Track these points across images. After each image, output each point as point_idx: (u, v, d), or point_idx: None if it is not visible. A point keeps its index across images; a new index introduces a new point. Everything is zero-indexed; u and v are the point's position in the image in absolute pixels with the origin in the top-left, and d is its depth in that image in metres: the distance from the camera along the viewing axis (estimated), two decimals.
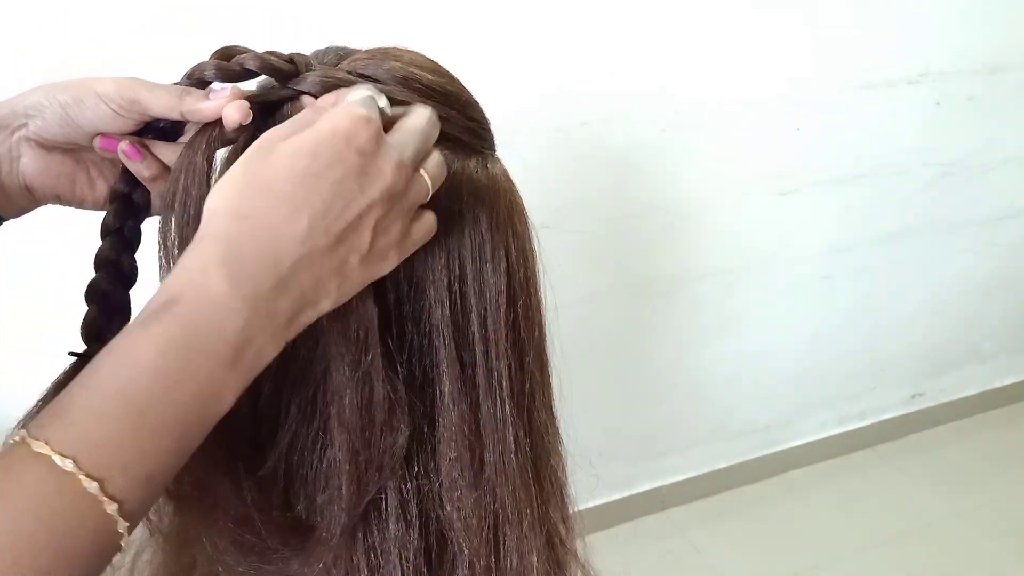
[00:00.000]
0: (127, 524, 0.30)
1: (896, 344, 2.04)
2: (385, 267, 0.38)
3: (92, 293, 0.40)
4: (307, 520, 0.42)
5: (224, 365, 0.32)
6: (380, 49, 0.46)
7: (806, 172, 1.66)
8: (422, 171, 0.39)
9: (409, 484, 0.42)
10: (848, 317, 1.92)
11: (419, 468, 0.42)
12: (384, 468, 0.40)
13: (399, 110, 0.40)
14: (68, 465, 0.28)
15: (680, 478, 1.92)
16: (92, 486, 0.29)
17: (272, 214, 0.34)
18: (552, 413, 0.48)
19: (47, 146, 0.42)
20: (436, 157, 0.40)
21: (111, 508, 0.29)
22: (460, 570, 0.43)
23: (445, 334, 0.42)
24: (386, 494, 0.42)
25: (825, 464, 2.07)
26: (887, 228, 1.83)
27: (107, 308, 0.40)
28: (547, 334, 0.48)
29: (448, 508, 0.42)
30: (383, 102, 0.39)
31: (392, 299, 0.41)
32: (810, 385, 1.98)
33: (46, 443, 0.29)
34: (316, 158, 0.34)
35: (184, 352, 0.31)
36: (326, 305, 0.36)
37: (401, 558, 0.42)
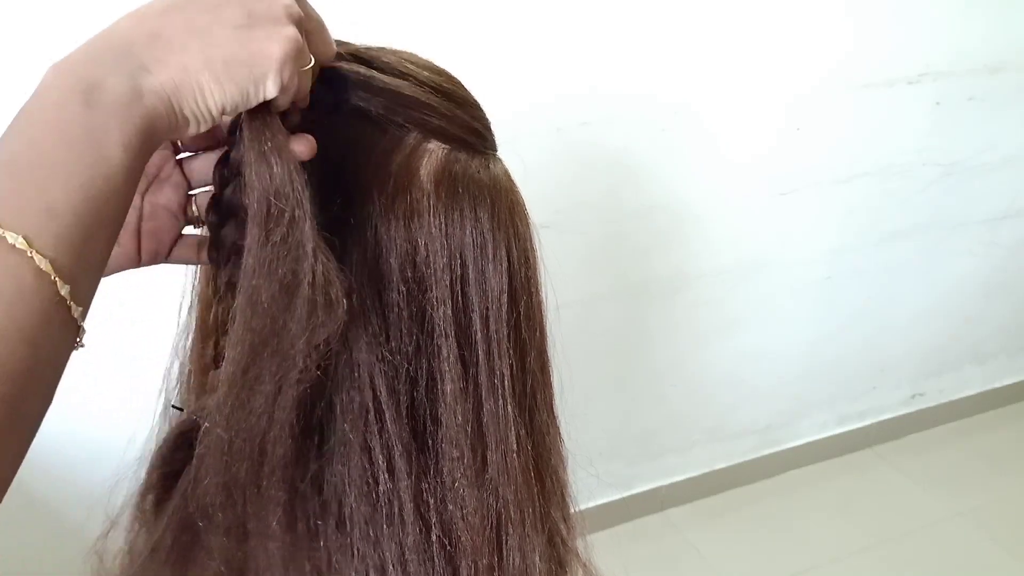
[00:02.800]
0: (47, 261, 0.29)
1: (896, 344, 2.04)
2: (274, 48, 0.35)
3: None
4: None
5: (76, 106, 0.32)
6: (379, 47, 0.46)
7: (806, 172, 1.66)
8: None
9: (411, 483, 0.42)
10: (848, 317, 1.92)
11: (421, 468, 0.42)
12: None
13: None
14: None
15: (680, 478, 1.92)
16: (17, 239, 0.29)
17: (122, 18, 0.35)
18: (553, 413, 0.48)
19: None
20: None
21: (15, 239, 0.29)
22: (463, 569, 0.43)
23: (448, 334, 0.42)
24: (389, 492, 0.42)
25: (825, 464, 2.08)
26: (887, 228, 1.83)
27: None
28: (548, 334, 0.48)
29: (451, 507, 0.42)
30: None
31: (395, 299, 0.41)
32: (810, 385, 1.99)
33: None
34: None
35: (32, 111, 0.32)
36: (196, 71, 0.34)
37: (404, 557, 0.42)
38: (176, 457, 0.44)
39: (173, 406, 0.41)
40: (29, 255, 0.29)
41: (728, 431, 1.94)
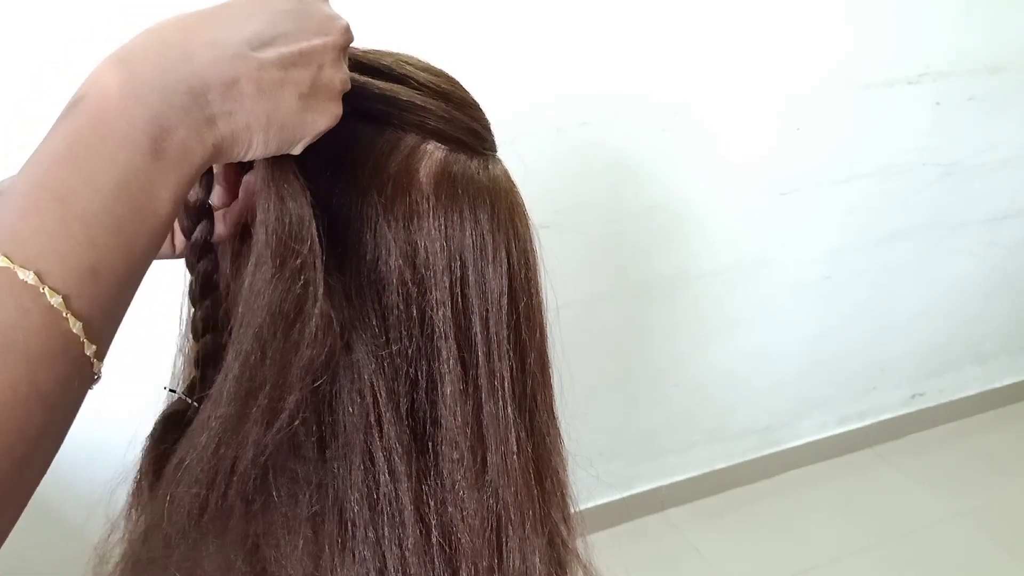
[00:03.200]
0: (80, 324, 0.29)
1: (896, 344, 2.04)
2: (324, 119, 0.36)
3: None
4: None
5: (144, 153, 0.30)
6: (376, 49, 0.46)
7: (806, 172, 1.66)
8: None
9: (412, 485, 0.42)
10: (848, 317, 1.92)
11: (421, 469, 0.42)
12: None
13: None
14: (1, 261, 0.28)
15: (680, 478, 1.92)
16: (28, 276, 0.28)
17: (188, 25, 0.33)
18: (553, 414, 0.48)
19: None
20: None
21: (55, 300, 0.28)
22: (463, 571, 0.43)
23: (447, 335, 0.42)
24: (390, 495, 0.42)
25: (825, 464, 2.08)
26: (887, 228, 1.83)
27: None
28: (548, 335, 0.48)
29: (451, 509, 0.42)
30: None
31: (395, 300, 0.41)
32: (810, 385, 1.99)
33: None
34: None
35: (94, 140, 0.30)
36: (256, 131, 0.34)
37: (404, 559, 0.42)
38: (167, 438, 0.44)
39: (167, 388, 0.41)
40: (64, 316, 0.28)
41: (728, 431, 1.94)
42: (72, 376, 0.29)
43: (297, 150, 0.37)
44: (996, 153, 1.85)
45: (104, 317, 0.30)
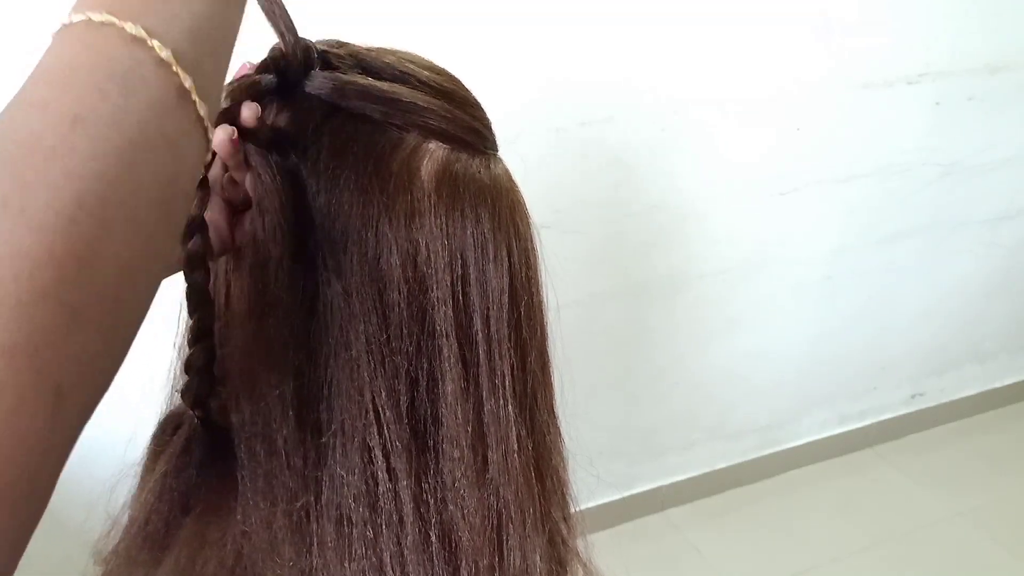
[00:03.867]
0: (191, 80, 0.29)
1: (896, 344, 2.04)
2: None
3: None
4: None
5: None
6: (378, 47, 0.46)
7: (806, 172, 1.66)
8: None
9: (411, 484, 0.42)
10: (848, 317, 1.92)
11: (421, 468, 0.42)
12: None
13: None
14: (105, 17, 0.28)
15: (680, 478, 1.92)
16: (137, 30, 0.28)
17: None
18: (554, 412, 0.48)
19: None
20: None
21: (165, 53, 0.28)
22: (463, 569, 0.43)
23: (448, 334, 0.42)
24: (388, 493, 0.42)
25: (825, 464, 2.08)
26: (887, 228, 1.84)
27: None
28: (549, 333, 0.48)
29: (451, 507, 0.42)
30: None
31: (395, 298, 0.41)
32: (810, 385, 1.99)
33: (79, 12, 0.28)
34: None
35: None
36: None
37: (403, 557, 0.42)
38: (165, 439, 0.44)
39: (176, 389, 0.42)
40: (175, 70, 0.29)
41: (729, 431, 1.94)
42: (191, 132, 0.30)
43: None
44: (996, 153, 1.86)
45: (207, 82, 0.31)
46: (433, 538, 0.42)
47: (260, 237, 0.40)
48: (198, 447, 0.43)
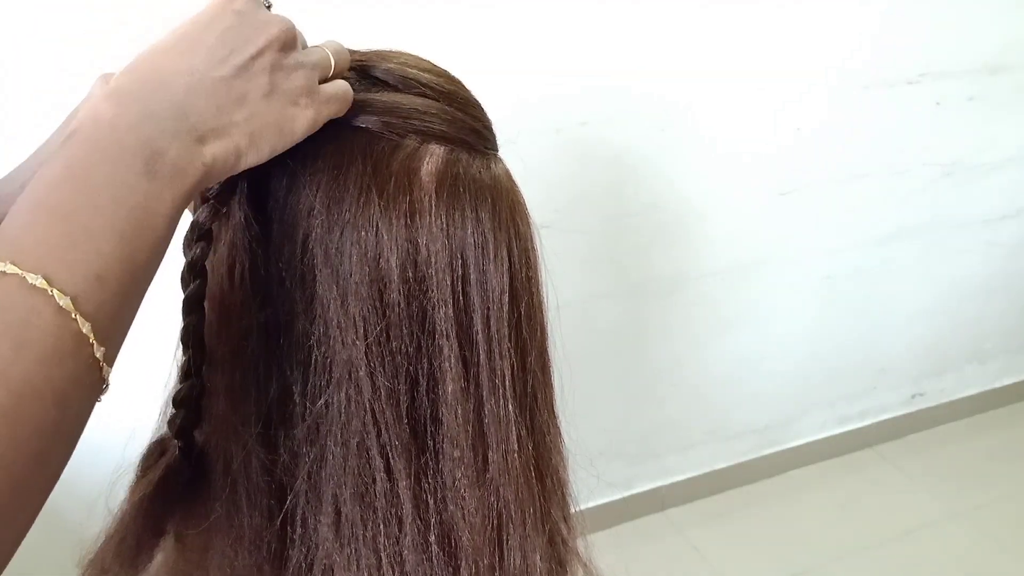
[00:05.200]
0: (89, 325, 0.30)
1: (896, 344, 2.04)
2: (300, 114, 0.38)
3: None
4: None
5: (138, 174, 0.33)
6: (377, 51, 0.46)
7: (806, 172, 1.66)
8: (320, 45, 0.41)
9: (411, 484, 0.42)
10: (848, 317, 1.92)
11: (421, 467, 0.42)
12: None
13: None
14: (9, 268, 0.29)
15: (680, 478, 1.92)
16: (37, 280, 0.29)
17: (157, 60, 0.36)
18: (554, 413, 0.48)
19: None
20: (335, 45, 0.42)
21: (63, 301, 0.29)
22: (463, 569, 0.43)
23: (449, 333, 0.42)
24: (387, 493, 0.42)
25: (825, 464, 2.08)
26: (887, 228, 1.83)
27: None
28: (549, 333, 0.48)
29: (451, 507, 0.42)
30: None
31: (396, 298, 0.41)
32: (810, 385, 1.99)
33: None
34: (195, 24, 0.37)
35: (90, 163, 0.32)
36: (239, 138, 0.36)
37: (401, 557, 0.42)
38: (151, 463, 0.45)
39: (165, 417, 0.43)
40: (73, 317, 0.30)
41: (728, 431, 1.94)
42: (83, 376, 0.31)
43: (283, 147, 0.39)
44: (996, 153, 1.86)
45: (111, 322, 0.32)
46: (433, 538, 0.42)
47: (225, 289, 0.42)
48: (178, 474, 0.44)
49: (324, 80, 0.41)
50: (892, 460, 2.10)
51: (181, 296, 0.42)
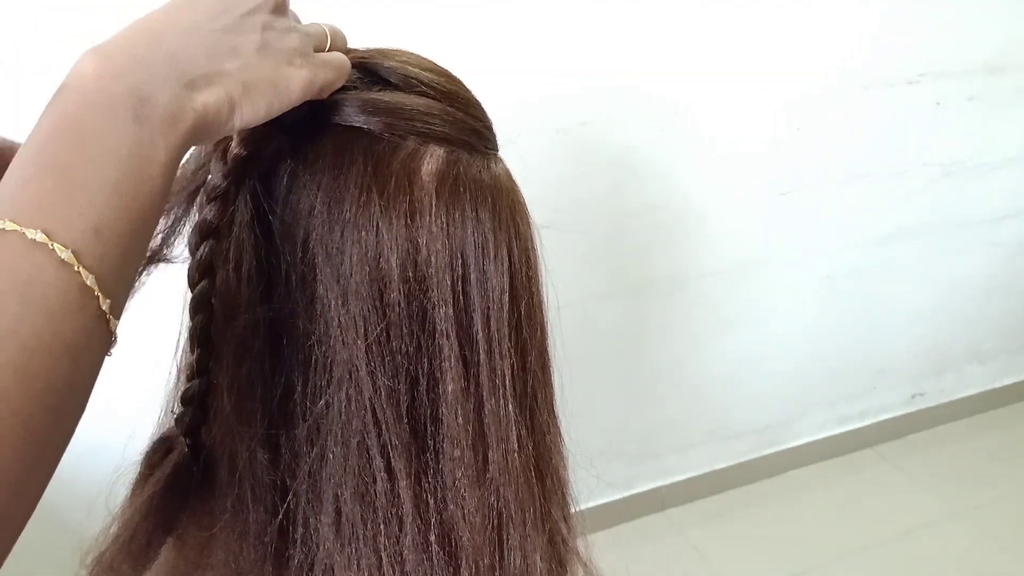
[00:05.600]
0: (93, 278, 0.30)
1: (896, 344, 2.04)
2: (295, 73, 0.38)
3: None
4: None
5: (127, 122, 0.32)
6: (379, 49, 0.46)
7: (806, 172, 1.66)
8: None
9: (411, 483, 0.42)
10: (848, 317, 1.92)
11: (421, 467, 0.42)
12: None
13: None
14: (8, 225, 0.29)
15: (680, 478, 1.92)
16: (37, 235, 0.29)
17: (150, 19, 0.36)
18: (554, 413, 0.48)
19: None
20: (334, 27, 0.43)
21: (65, 255, 0.29)
22: (463, 569, 0.43)
23: (449, 333, 0.42)
24: (387, 493, 0.42)
25: (825, 464, 2.08)
26: (887, 228, 1.83)
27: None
28: (549, 333, 0.48)
29: (451, 507, 0.42)
30: None
31: (396, 298, 0.41)
32: (810, 385, 1.99)
33: None
34: None
35: (79, 117, 0.32)
36: (232, 87, 0.36)
37: (401, 557, 0.42)
38: (156, 461, 0.45)
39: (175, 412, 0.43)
40: (76, 270, 0.30)
41: (728, 431, 1.94)
42: (91, 329, 0.31)
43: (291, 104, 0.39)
44: (996, 153, 1.86)
45: (114, 274, 0.32)
46: (433, 538, 0.42)
47: (232, 286, 0.42)
48: (187, 472, 0.44)
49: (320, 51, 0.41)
50: (892, 460, 2.10)
51: (189, 294, 0.42)
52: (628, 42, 1.37)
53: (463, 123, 0.44)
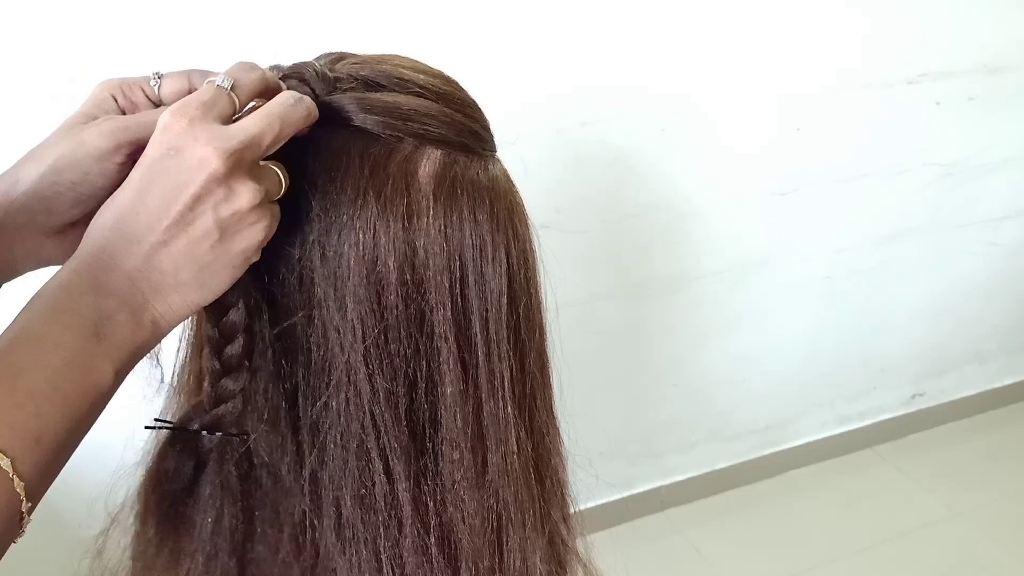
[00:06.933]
0: (23, 484, 0.32)
1: (896, 344, 2.04)
2: (251, 240, 0.38)
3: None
4: None
5: (87, 337, 0.35)
6: (373, 55, 0.46)
7: (806, 172, 1.66)
8: (268, 164, 0.39)
9: (410, 486, 0.42)
10: (848, 317, 1.92)
11: (420, 470, 0.42)
12: None
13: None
14: None
15: (680, 478, 1.92)
16: None
17: (109, 227, 0.37)
18: (553, 414, 0.48)
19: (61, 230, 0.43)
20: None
21: (4, 463, 0.31)
22: (463, 570, 0.43)
23: (447, 336, 0.42)
24: (387, 495, 0.42)
25: (825, 464, 2.07)
26: (887, 228, 1.83)
27: None
28: (548, 335, 0.48)
29: (451, 509, 0.42)
30: (226, 83, 0.39)
31: (394, 301, 0.41)
32: (810, 385, 1.98)
33: None
34: (141, 175, 0.37)
35: (43, 329, 0.34)
36: (193, 292, 0.37)
37: (401, 559, 0.42)
38: (165, 465, 0.44)
39: (156, 420, 0.43)
40: (10, 477, 0.32)
41: (728, 431, 1.94)
42: (5, 526, 0.32)
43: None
44: (996, 153, 1.85)
45: (42, 479, 0.34)
46: (432, 540, 0.42)
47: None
48: (222, 469, 0.44)
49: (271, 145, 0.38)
50: (892, 460, 2.10)
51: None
52: (628, 42, 1.37)
53: (460, 124, 0.43)
